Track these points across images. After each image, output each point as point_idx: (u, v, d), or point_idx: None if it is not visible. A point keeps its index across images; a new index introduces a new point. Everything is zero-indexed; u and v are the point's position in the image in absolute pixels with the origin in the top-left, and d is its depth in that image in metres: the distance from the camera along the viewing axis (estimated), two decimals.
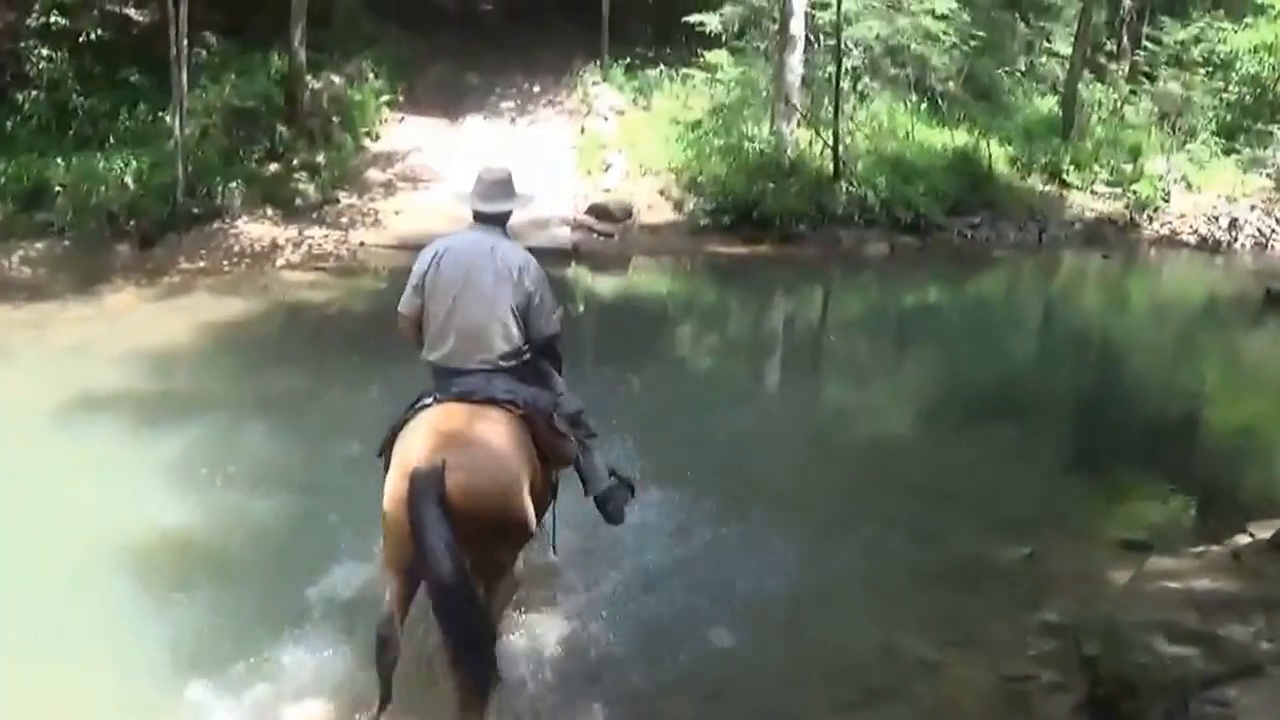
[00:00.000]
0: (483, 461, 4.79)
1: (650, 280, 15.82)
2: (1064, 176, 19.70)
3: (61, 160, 14.43)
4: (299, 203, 15.76)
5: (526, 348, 5.41)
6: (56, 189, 14.07)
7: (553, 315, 5.48)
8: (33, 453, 8.02)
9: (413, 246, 14.20)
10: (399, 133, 18.64)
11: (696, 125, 18.63)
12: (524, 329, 5.36)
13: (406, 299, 5.49)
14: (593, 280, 14.82)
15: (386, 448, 5.14)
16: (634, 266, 15.87)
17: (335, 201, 16.18)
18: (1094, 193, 19.64)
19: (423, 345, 5.51)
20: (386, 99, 18.93)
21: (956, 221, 17.92)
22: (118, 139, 15.33)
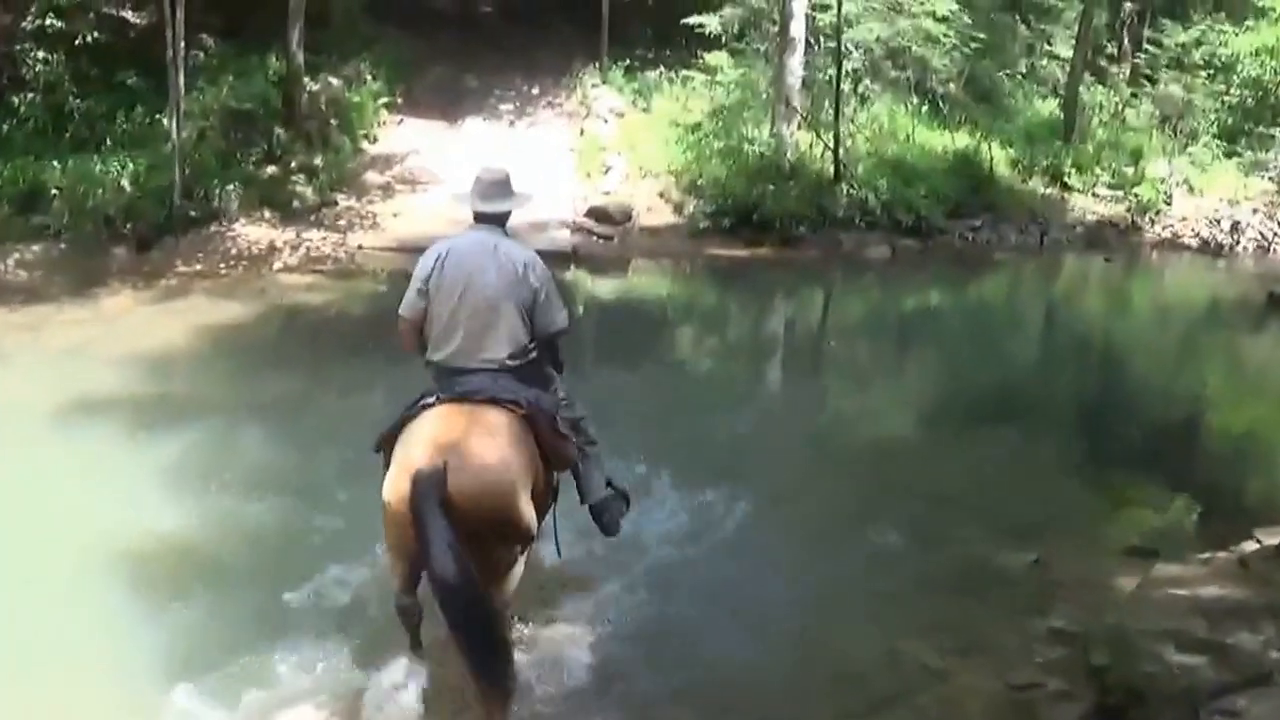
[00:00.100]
0: (484, 463, 4.78)
1: (650, 283, 15.76)
2: (1065, 179, 19.65)
3: (58, 163, 14.33)
4: (297, 205, 15.69)
5: (533, 347, 5.40)
6: (53, 192, 13.96)
7: (560, 310, 5.49)
8: (28, 455, 7.96)
9: (411, 249, 14.24)
10: (397, 135, 18.57)
11: (696, 127, 18.58)
12: (530, 327, 5.36)
13: (409, 302, 5.45)
14: (592, 283, 14.75)
15: (385, 443, 5.14)
16: (633, 269, 15.81)
17: (333, 204, 16.11)
18: (1095, 196, 19.59)
19: (422, 350, 5.49)
20: (385, 101, 18.86)
21: (958, 224, 17.86)
22: (114, 141, 15.23)
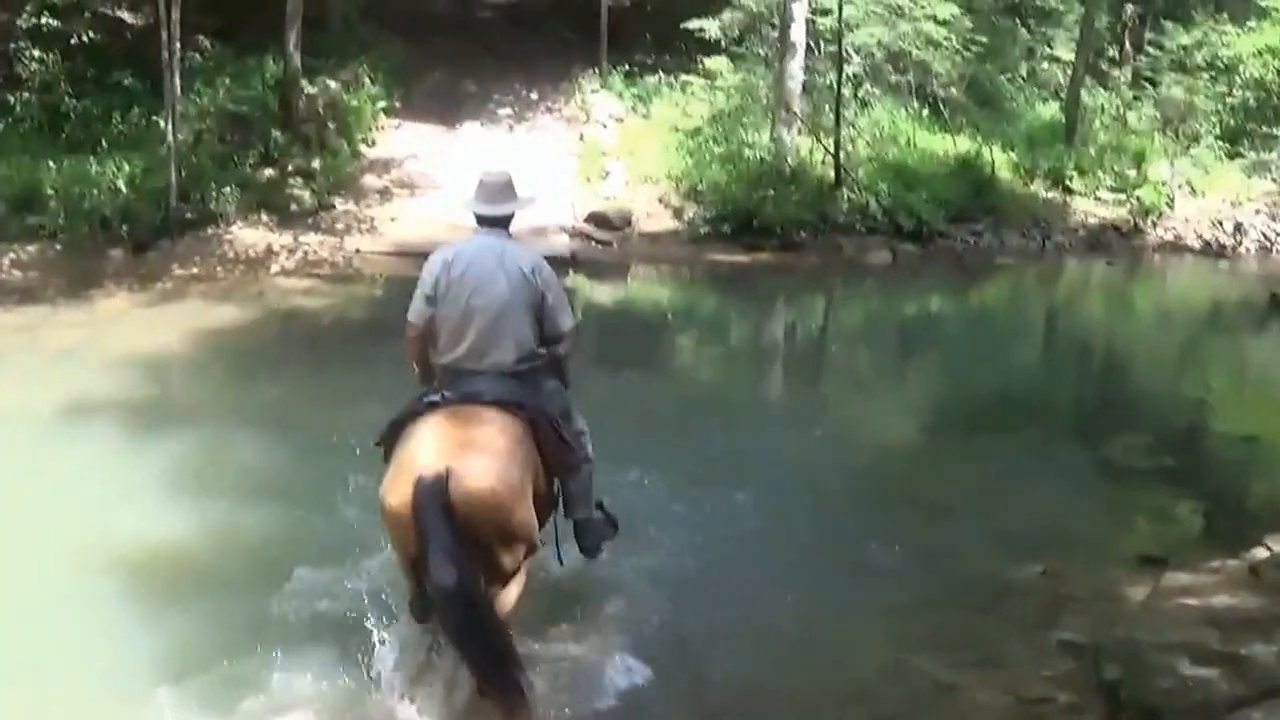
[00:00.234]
0: (486, 468, 4.76)
1: (650, 289, 15.71)
2: (1067, 183, 19.54)
3: (53, 163, 14.36)
4: (294, 209, 15.68)
5: (540, 352, 5.41)
6: (48, 192, 13.98)
7: (566, 314, 5.51)
8: (21, 458, 7.90)
9: (409, 253, 14.21)
10: (395, 139, 18.52)
11: (696, 133, 18.54)
12: (539, 330, 5.37)
13: (416, 309, 5.42)
14: (591, 289, 14.68)
15: (388, 438, 5.14)
16: (633, 275, 15.77)
17: (331, 208, 16.09)
18: (1098, 199, 19.50)
19: (423, 362, 5.51)
20: (383, 105, 18.82)
21: (959, 229, 17.74)
22: (110, 142, 15.25)
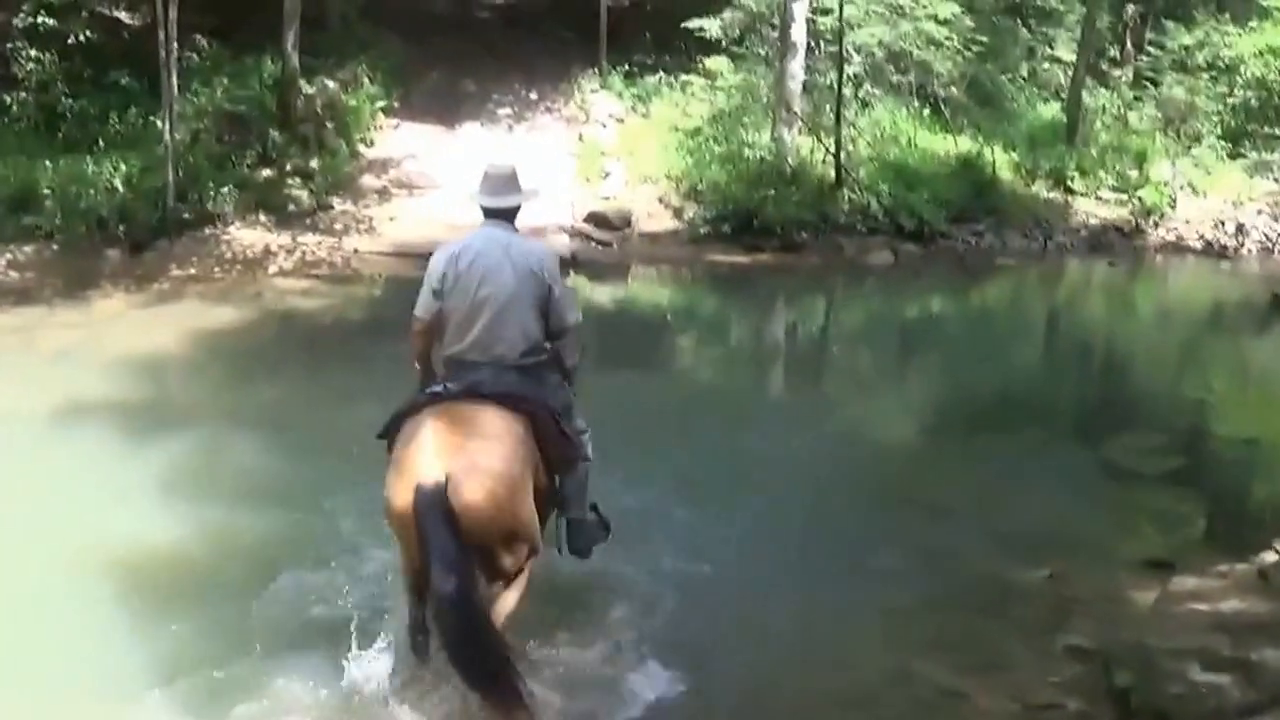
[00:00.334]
0: (485, 474, 4.74)
1: (650, 289, 15.66)
2: (1068, 183, 19.51)
3: (50, 163, 14.31)
4: (292, 209, 15.61)
5: (546, 345, 5.40)
6: (45, 192, 13.91)
7: (572, 307, 5.51)
8: (17, 460, 7.83)
9: (408, 254, 14.18)
10: (394, 139, 18.45)
11: (696, 132, 18.49)
12: (544, 324, 5.35)
13: (424, 302, 5.39)
14: (591, 289, 14.61)
15: (390, 432, 5.12)
16: (633, 275, 15.73)
17: (329, 208, 16.03)
18: (1099, 199, 19.46)
19: (422, 356, 5.50)
20: (382, 105, 18.73)
21: (960, 229, 17.69)
22: (107, 142, 15.19)
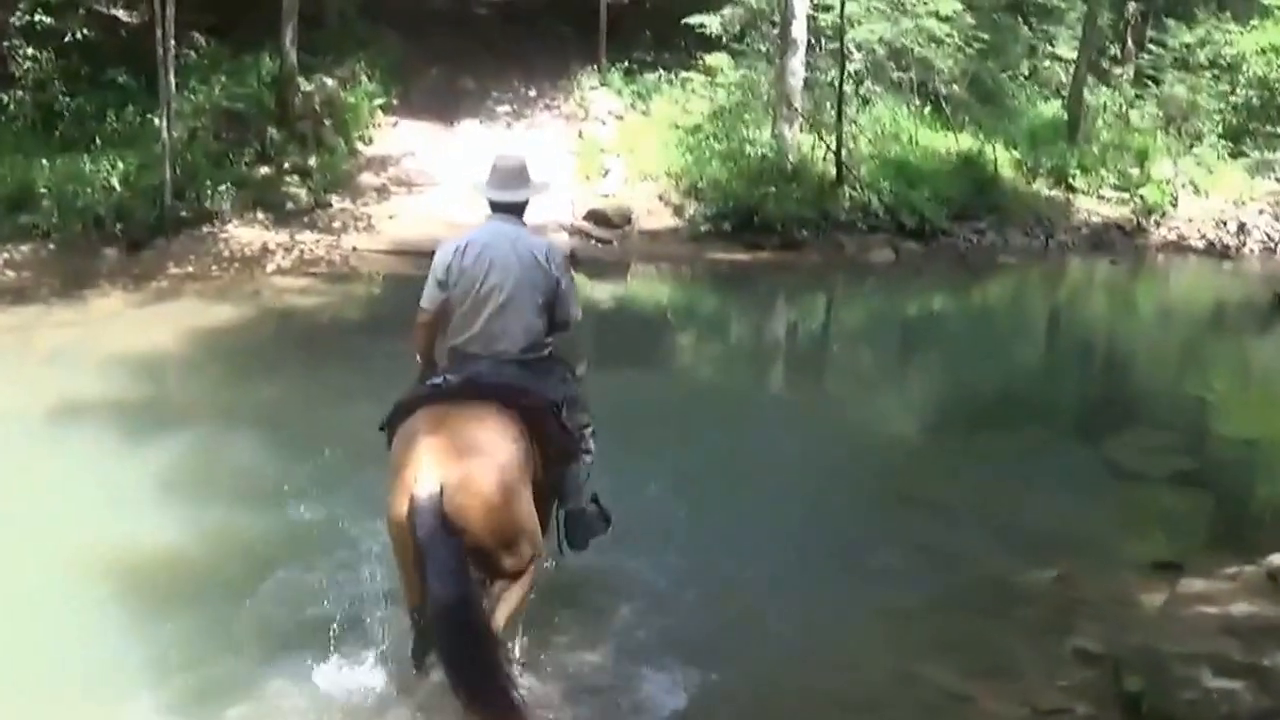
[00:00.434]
0: (480, 481, 4.68)
1: (650, 287, 15.61)
2: (1070, 181, 19.48)
3: (47, 162, 14.24)
4: (290, 207, 15.54)
5: (549, 341, 5.38)
6: (42, 191, 13.84)
7: (576, 301, 5.50)
8: (12, 460, 7.76)
9: (407, 252, 14.14)
10: (393, 136, 18.40)
11: (696, 130, 18.43)
12: (549, 319, 5.34)
13: (429, 293, 5.38)
14: (591, 287, 14.52)
15: (391, 424, 5.11)
16: (633, 273, 15.68)
17: (327, 206, 15.97)
18: (1101, 197, 19.43)
19: (425, 349, 5.50)
20: (380, 102, 18.66)
21: (962, 227, 17.66)
22: (104, 141, 15.12)
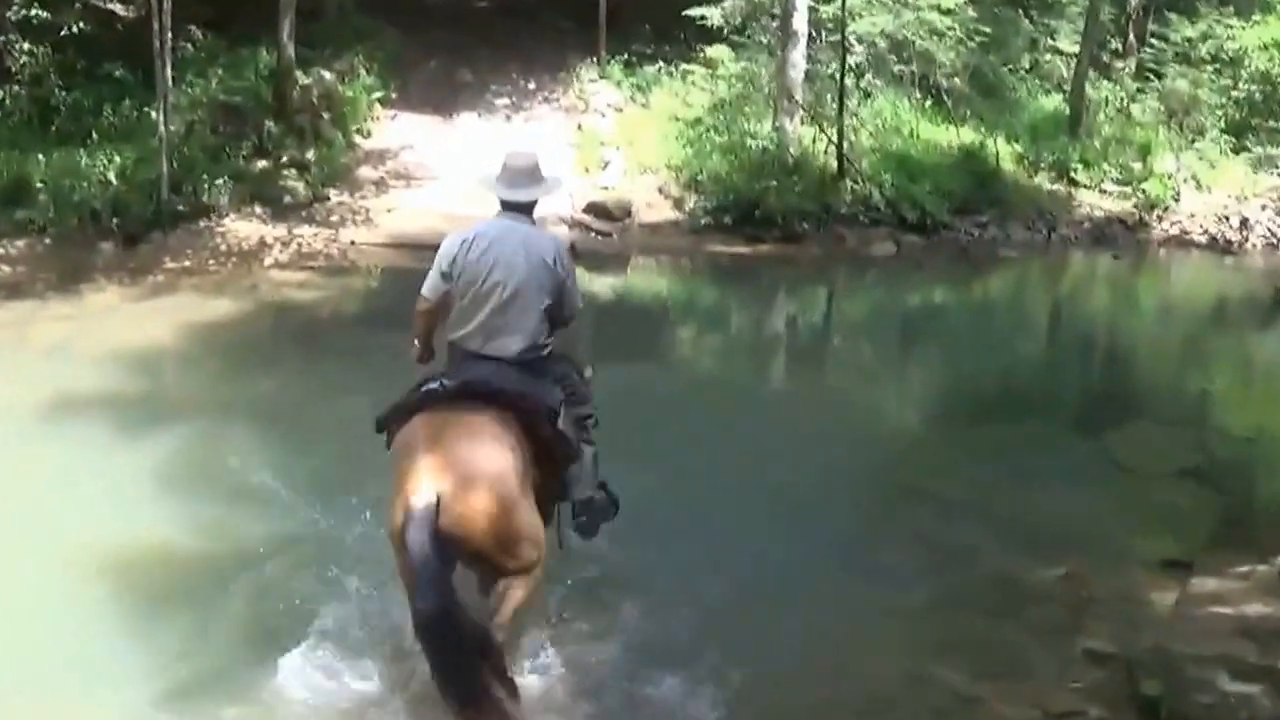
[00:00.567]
0: (477, 489, 4.71)
1: (650, 280, 15.53)
2: (1072, 175, 19.37)
3: (43, 156, 14.11)
4: (288, 200, 15.43)
5: (548, 342, 5.35)
6: (38, 185, 13.72)
7: (578, 297, 5.54)
8: (8, 455, 7.74)
9: (405, 245, 14.08)
10: (391, 130, 18.31)
11: (697, 122, 18.33)
12: (551, 319, 5.34)
13: (432, 283, 5.40)
14: (591, 280, 14.41)
15: (388, 425, 5.14)
16: (633, 266, 15.59)
17: (325, 199, 15.85)
18: (1103, 191, 19.31)
19: (424, 336, 5.53)
20: (378, 95, 18.56)
21: (963, 220, 17.54)
22: (101, 135, 14.99)
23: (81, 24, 15.41)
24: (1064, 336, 14.61)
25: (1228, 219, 19.00)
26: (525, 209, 5.43)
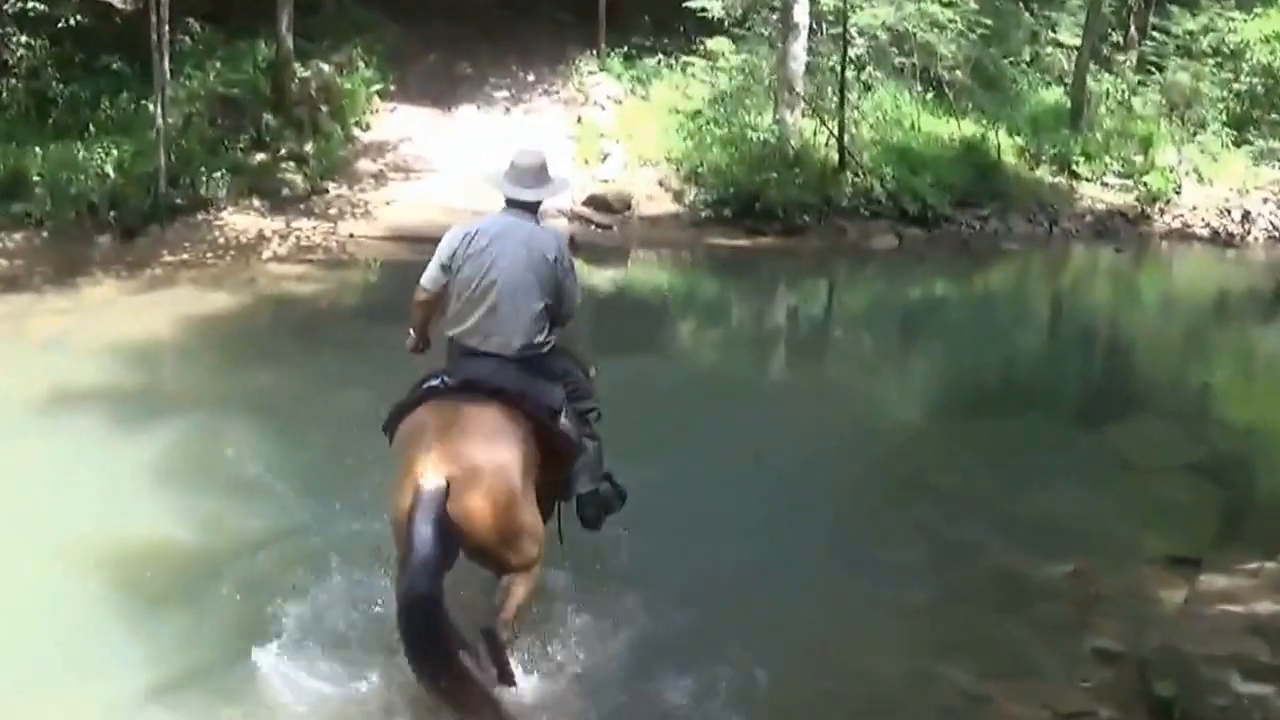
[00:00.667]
0: (485, 477, 4.73)
1: (650, 273, 15.50)
2: (1073, 168, 19.33)
3: (40, 149, 14.08)
4: (286, 193, 15.37)
5: (548, 339, 5.33)
6: (35, 178, 13.69)
7: (577, 295, 5.53)
8: (4, 449, 7.69)
9: (404, 238, 14.02)
10: (390, 122, 18.21)
11: (697, 115, 18.27)
12: (550, 316, 5.32)
13: (431, 275, 5.40)
14: (591, 273, 14.37)
15: (391, 425, 5.16)
16: (633, 259, 15.56)
17: (324, 192, 15.80)
18: (1104, 185, 19.28)
19: (420, 326, 5.58)
20: (377, 88, 18.44)
21: (965, 213, 17.50)
22: (98, 128, 14.94)
23: (79, 16, 15.33)
24: (1065, 330, 14.58)
25: (1229, 212, 18.99)
26: (530, 207, 5.40)
